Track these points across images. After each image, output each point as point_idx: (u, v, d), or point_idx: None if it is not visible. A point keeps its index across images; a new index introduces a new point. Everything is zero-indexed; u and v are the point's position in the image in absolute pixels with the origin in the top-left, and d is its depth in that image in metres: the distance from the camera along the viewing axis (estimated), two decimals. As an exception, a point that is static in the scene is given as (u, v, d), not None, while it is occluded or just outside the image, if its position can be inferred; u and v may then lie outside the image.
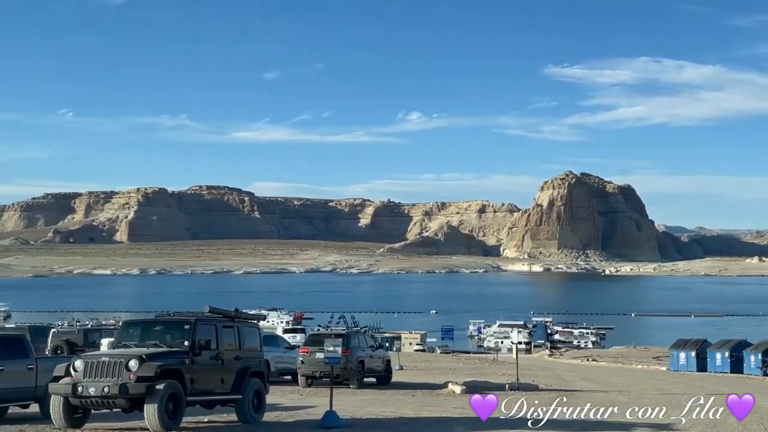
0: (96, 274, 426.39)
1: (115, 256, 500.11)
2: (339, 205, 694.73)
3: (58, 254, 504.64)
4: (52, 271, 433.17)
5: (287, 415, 16.98)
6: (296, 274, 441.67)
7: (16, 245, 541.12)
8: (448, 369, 39.60)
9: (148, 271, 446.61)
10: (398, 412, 15.63)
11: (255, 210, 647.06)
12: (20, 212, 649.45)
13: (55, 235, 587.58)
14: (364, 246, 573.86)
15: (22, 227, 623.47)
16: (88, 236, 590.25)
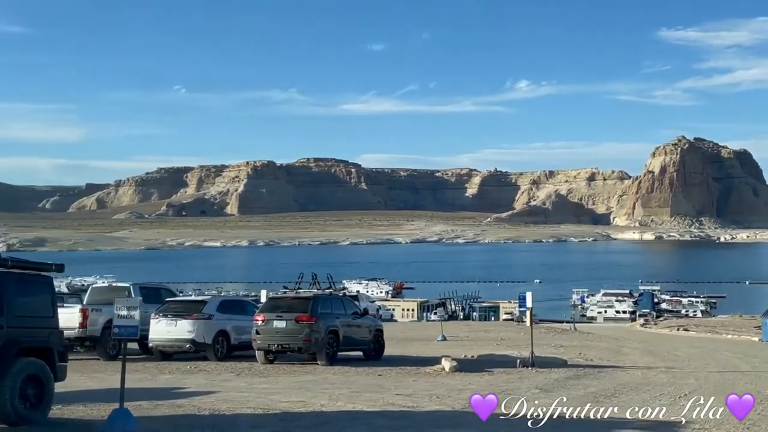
0: (206, 247, 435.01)
1: (225, 229, 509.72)
2: (446, 175, 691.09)
3: (170, 227, 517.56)
4: (164, 244, 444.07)
5: (148, 406, 12.68)
6: (402, 245, 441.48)
7: (130, 219, 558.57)
8: (499, 339, 36.68)
9: (257, 243, 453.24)
10: (330, 404, 12.75)
11: (362, 181, 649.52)
12: (135, 187, 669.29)
13: (168, 208, 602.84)
14: (471, 216, 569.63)
15: (137, 201, 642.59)
16: (199, 209, 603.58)
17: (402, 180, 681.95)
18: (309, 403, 12.59)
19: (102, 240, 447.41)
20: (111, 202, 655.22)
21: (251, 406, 12.28)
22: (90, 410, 12.07)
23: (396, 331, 41.24)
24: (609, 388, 14.58)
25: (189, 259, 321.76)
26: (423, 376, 17.12)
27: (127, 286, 26.67)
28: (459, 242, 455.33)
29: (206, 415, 11.55)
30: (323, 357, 21.92)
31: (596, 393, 13.62)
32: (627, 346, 33.02)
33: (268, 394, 13.87)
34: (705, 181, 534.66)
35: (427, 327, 48.63)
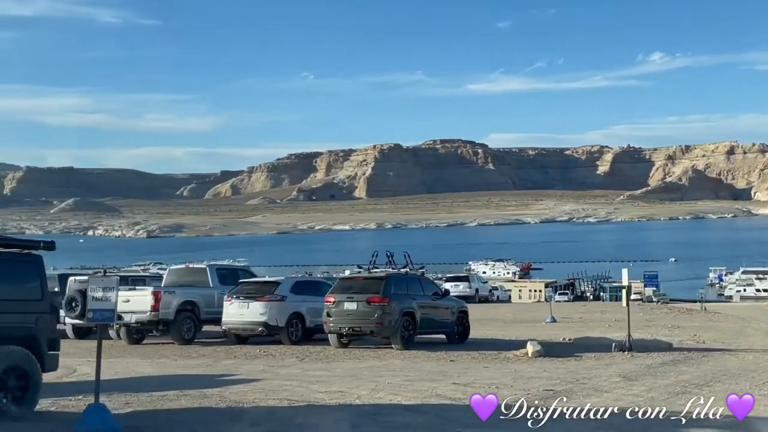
0: (336, 230, 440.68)
1: (353, 212, 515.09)
2: (576, 153, 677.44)
3: (301, 211, 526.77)
4: (295, 228, 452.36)
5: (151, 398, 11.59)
6: (531, 225, 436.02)
7: (263, 204, 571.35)
8: (612, 321, 34.38)
9: (385, 226, 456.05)
10: (368, 396, 11.55)
11: (489, 162, 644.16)
12: (267, 173, 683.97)
13: (299, 193, 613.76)
14: (602, 194, 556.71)
15: (269, 187, 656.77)
16: (329, 193, 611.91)
17: (530, 159, 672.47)
18: (348, 393, 11.50)
19: (236, 225, 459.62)
20: (244, 188, 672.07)
21: (282, 396, 11.27)
22: (115, 400, 11.10)
23: (508, 312, 39.64)
24: (705, 375, 12.86)
25: (319, 243, 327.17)
26: (498, 362, 15.68)
27: (204, 268, 25.89)
28: (590, 221, 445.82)
29: (219, 408, 10.61)
30: (398, 340, 20.61)
31: (687, 381, 11.97)
32: (752, 327, 30.34)
33: (313, 382, 12.87)
34: None
35: (541, 308, 46.73)
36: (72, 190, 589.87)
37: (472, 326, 23.74)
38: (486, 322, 33.30)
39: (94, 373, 9.88)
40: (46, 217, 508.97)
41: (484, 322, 33.23)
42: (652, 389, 10.64)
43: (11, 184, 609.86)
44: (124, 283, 25.06)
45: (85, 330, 24.72)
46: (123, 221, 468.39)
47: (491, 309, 43.90)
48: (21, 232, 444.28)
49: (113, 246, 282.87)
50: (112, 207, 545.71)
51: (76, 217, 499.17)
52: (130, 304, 22.87)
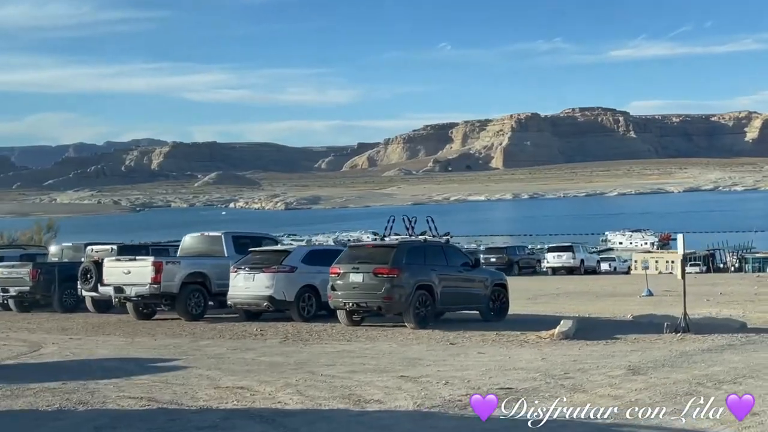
0: (471, 201, 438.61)
1: (489, 182, 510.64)
2: (722, 120, 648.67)
3: (436, 182, 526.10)
4: (430, 199, 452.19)
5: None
6: (673, 194, 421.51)
7: (399, 175, 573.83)
8: (718, 294, 31.98)
9: (521, 196, 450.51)
10: (283, 395, 10.01)
11: (630, 129, 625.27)
12: (403, 144, 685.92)
13: (435, 164, 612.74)
14: (751, 162, 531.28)
15: (405, 159, 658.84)
16: (465, 164, 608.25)
17: (674, 126, 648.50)
18: (256, 391, 10.17)
19: (371, 196, 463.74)
20: (381, 159, 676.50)
21: (152, 397, 9.92)
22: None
23: (607, 285, 37.78)
24: (743, 369, 11.06)
25: (453, 213, 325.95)
26: (508, 346, 14.03)
27: (219, 235, 23.32)
28: (737, 190, 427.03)
29: (38, 411, 9.24)
30: (410, 318, 18.14)
31: (710, 377, 10.00)
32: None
33: (229, 374, 11.65)
34: None
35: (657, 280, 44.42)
36: (215, 164, 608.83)
37: (554, 300, 22.06)
38: (573, 296, 31.74)
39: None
40: (190, 190, 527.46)
41: (572, 296, 31.67)
42: (649, 388, 9.09)
43: (158, 159, 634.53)
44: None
45: (105, 303, 23.12)
46: (262, 194, 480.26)
47: (591, 281, 41.97)
48: (167, 205, 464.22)
49: (253, 218, 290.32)
50: (253, 180, 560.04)
51: (218, 190, 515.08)
52: (131, 276, 21.20)
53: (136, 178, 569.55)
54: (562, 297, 31.18)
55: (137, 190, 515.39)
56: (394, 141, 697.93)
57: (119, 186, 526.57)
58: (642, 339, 15.06)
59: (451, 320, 19.66)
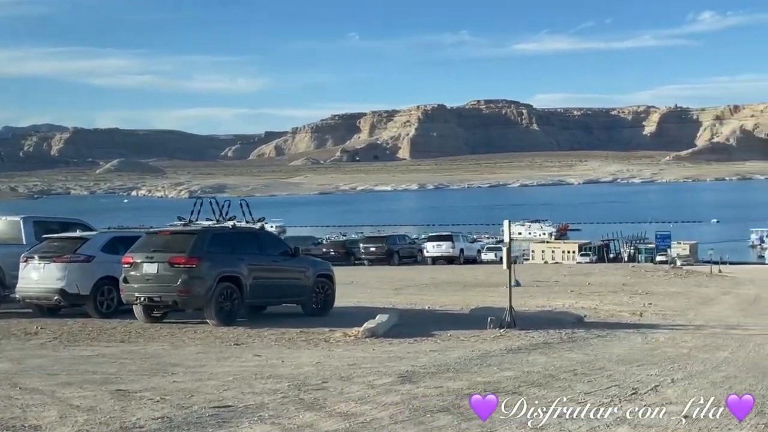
0: (377, 190, 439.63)
1: (396, 173, 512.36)
2: (622, 114, 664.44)
3: (343, 172, 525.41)
4: (336, 189, 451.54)
5: None
6: (574, 186, 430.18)
7: (306, 165, 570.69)
8: (586, 284, 31.78)
9: (426, 186, 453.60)
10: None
11: (533, 122, 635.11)
12: (311, 133, 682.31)
13: (342, 154, 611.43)
14: (648, 155, 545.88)
15: (313, 148, 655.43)
16: (372, 154, 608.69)
17: (575, 120, 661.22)
18: None
19: (278, 186, 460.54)
20: (288, 149, 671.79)
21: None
22: None
23: (481, 275, 37.19)
24: (561, 368, 10.39)
25: (359, 203, 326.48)
26: (312, 345, 13.04)
27: (17, 220, 20.12)
28: (635, 182, 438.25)
29: None
30: (212, 314, 16.11)
31: (514, 379, 9.35)
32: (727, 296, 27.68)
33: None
34: None
35: (530, 269, 44.20)
36: (118, 151, 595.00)
37: (420, 291, 20.91)
38: (442, 286, 30.99)
39: None
40: (91, 177, 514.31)
41: (441, 286, 30.94)
42: (403, 402, 7.73)
43: (59, 145, 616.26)
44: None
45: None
46: (166, 182, 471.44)
47: (468, 271, 41.38)
48: (66, 192, 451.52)
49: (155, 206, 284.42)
50: (157, 168, 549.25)
51: (120, 178, 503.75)
52: None
53: (35, 164, 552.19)
54: (430, 287, 30.44)
55: (36, 177, 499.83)
56: (302, 130, 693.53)
57: (17, 172, 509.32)
58: (458, 336, 14.20)
59: (271, 315, 18.10)
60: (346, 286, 32.09)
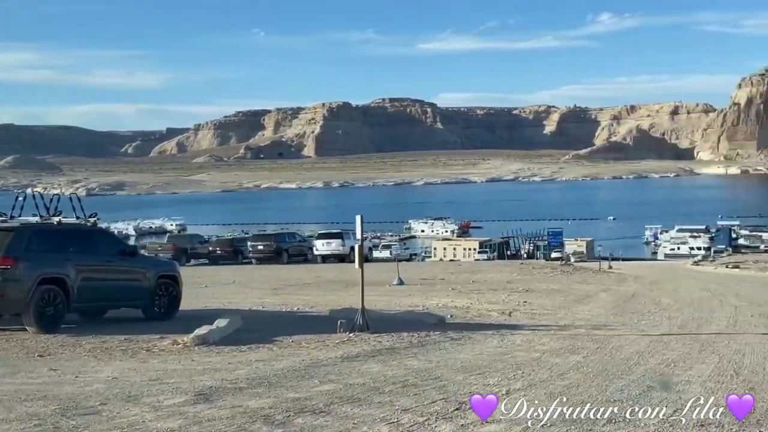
0: (282, 188, 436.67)
1: (300, 171, 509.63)
2: (523, 113, 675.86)
3: (247, 170, 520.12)
4: (240, 186, 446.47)
5: None
6: (477, 184, 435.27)
7: (209, 162, 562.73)
8: (470, 282, 31.25)
9: (332, 184, 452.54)
10: None
11: (438, 121, 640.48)
12: (214, 131, 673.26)
13: (246, 151, 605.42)
14: (549, 153, 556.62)
15: (216, 145, 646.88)
16: (277, 152, 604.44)
17: (479, 119, 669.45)
18: None
19: (179, 183, 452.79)
20: (191, 145, 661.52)
21: None
22: None
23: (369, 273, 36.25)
24: (393, 378, 9.47)
25: (263, 201, 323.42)
26: (130, 355, 11.85)
27: None
28: (536, 180, 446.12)
29: None
30: (31, 319, 14.55)
31: (330, 395, 8.25)
32: (606, 293, 27.41)
33: None
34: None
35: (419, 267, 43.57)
36: (12, 147, 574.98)
37: (299, 290, 19.71)
38: (324, 285, 30.02)
39: None
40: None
41: (323, 285, 29.96)
42: (180, 429, 6.97)
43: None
44: None
45: None
46: (63, 179, 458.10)
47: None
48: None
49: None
50: (53, 165, 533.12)
51: (15, 175, 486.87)
52: None
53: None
54: (312, 287, 29.46)
55: None
56: (204, 127, 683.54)
57: None
58: (301, 342, 13.15)
59: (112, 320, 16.69)
60: (226, 286, 30.94)
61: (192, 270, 44.77)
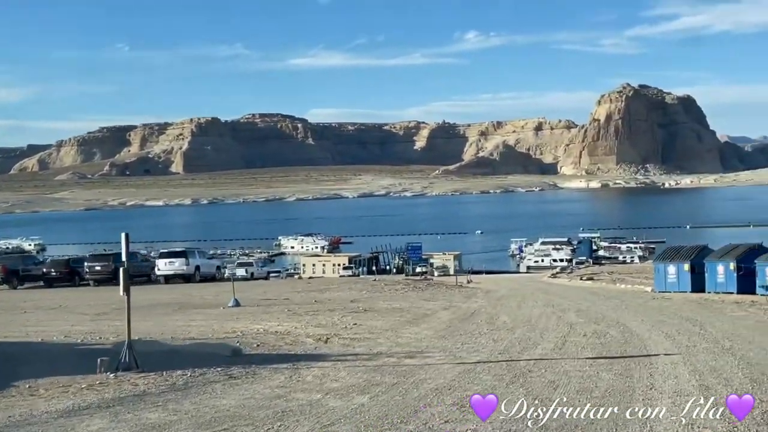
0: (149, 206, 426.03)
1: (168, 187, 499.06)
2: (394, 129, 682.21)
3: (112, 187, 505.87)
4: (105, 204, 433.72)
5: None
6: (349, 199, 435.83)
7: (72, 179, 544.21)
8: (313, 302, 29.59)
9: (200, 201, 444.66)
10: None
11: (309, 137, 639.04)
12: (77, 147, 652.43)
13: (112, 168, 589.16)
14: (419, 169, 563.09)
15: (80, 162, 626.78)
16: (143, 168, 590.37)
17: (350, 134, 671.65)
18: None
19: (41, 201, 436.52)
20: (53, 162, 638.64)
21: None
22: None
23: (209, 295, 34.06)
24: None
25: (129, 220, 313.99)
26: None
27: None
28: (406, 195, 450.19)
29: None
30: None
31: None
32: (446, 311, 26.06)
33: None
34: (650, 127, 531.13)
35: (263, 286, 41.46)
36: None
37: (122, 313, 16.84)
38: (156, 308, 27.56)
39: None
40: None
41: (156, 308, 27.46)
42: None
43: None
44: None
45: None
46: None
47: (196, 290, 38.02)
48: None
49: None
50: None
51: None
52: None
53: None
54: (142, 310, 26.72)
55: None
56: (67, 143, 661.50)
57: None
58: (46, 385, 11.06)
59: None
60: (49, 311, 28.22)
61: (22, 293, 41.76)
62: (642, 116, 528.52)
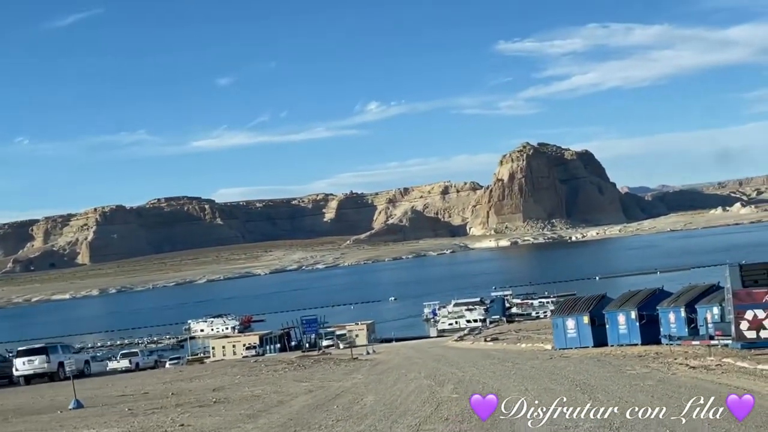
0: (55, 300, 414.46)
1: (74, 279, 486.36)
2: (302, 203, 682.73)
3: (16, 284, 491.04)
4: (9, 302, 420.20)
5: None
6: (261, 276, 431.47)
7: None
8: (168, 397, 27.02)
9: (109, 291, 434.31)
10: None
11: (217, 217, 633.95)
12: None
13: (15, 264, 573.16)
14: (330, 240, 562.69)
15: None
16: (48, 262, 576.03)
17: (258, 211, 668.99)
18: None
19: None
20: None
21: None
22: None
23: (59, 395, 31.16)
24: None
25: (35, 316, 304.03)
26: None
27: None
28: (319, 268, 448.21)
29: None
30: None
31: None
32: (308, 395, 24.38)
33: None
34: (552, 183, 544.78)
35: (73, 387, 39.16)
36: None
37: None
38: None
39: None
40: None
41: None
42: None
43: None
44: None
45: None
46: None
47: (54, 391, 35.09)
48: None
49: None
50: None
51: None
52: None
53: None
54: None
55: None
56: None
57: None
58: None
59: None
60: None
61: None
62: (544, 173, 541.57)
